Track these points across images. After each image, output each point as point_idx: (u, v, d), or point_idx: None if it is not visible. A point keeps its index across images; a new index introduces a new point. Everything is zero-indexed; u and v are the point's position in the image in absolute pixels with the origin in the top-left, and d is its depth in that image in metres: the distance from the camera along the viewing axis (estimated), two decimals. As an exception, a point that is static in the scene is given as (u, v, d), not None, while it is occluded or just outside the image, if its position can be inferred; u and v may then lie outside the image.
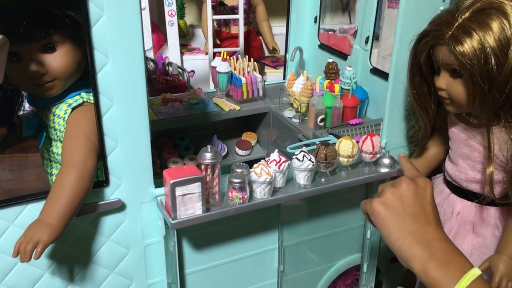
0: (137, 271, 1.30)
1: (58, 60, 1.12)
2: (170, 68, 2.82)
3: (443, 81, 1.21)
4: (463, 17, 1.10)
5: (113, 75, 1.07)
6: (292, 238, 1.46)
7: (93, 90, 1.08)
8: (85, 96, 1.19)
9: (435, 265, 0.71)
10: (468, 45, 1.08)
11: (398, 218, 0.76)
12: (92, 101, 1.14)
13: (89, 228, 1.21)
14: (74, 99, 1.18)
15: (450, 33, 1.11)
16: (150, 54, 2.71)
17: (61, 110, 1.18)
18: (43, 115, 1.23)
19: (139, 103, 1.12)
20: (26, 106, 1.28)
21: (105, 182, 1.17)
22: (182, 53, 3.12)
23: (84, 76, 1.20)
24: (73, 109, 1.17)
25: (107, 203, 1.18)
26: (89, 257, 1.24)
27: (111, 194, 1.19)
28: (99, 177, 1.20)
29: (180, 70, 2.87)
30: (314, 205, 1.45)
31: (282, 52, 3.22)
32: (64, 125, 1.17)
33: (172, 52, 3.03)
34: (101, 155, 1.14)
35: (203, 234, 1.31)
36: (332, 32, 2.14)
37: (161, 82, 2.67)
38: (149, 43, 2.75)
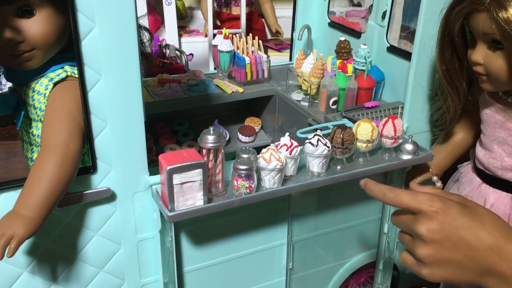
0: (129, 269, 1.18)
1: (37, 26, 0.97)
2: (167, 51, 2.67)
3: (480, 54, 1.07)
4: (507, -22, 0.96)
5: (100, 42, 0.93)
6: (302, 232, 1.33)
7: (77, 61, 0.93)
8: (69, 70, 1.05)
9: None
10: (514, 10, 0.93)
11: (456, 272, 0.66)
12: (77, 75, 1.00)
13: (74, 221, 1.08)
14: (57, 73, 1.04)
15: (491, -3, 0.97)
16: (144, 22, 2.51)
17: (42, 86, 1.03)
18: (21, 92, 1.08)
19: (131, 76, 0.98)
20: (3, 82, 1.13)
21: (92, 168, 1.03)
22: (180, 35, 2.97)
23: (68, 47, 1.05)
24: (55, 84, 1.02)
25: (94, 192, 1.05)
26: (75, 254, 1.11)
27: (99, 182, 1.05)
28: (86, 162, 1.08)
29: (178, 53, 2.72)
30: (326, 195, 1.32)
31: (285, 35, 3.10)
32: (44, 102, 1.02)
33: (169, 33, 2.89)
34: (87, 137, 1.00)
35: (203, 227, 1.19)
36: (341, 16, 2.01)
37: (158, 64, 2.53)
38: (143, 12, 2.56)
